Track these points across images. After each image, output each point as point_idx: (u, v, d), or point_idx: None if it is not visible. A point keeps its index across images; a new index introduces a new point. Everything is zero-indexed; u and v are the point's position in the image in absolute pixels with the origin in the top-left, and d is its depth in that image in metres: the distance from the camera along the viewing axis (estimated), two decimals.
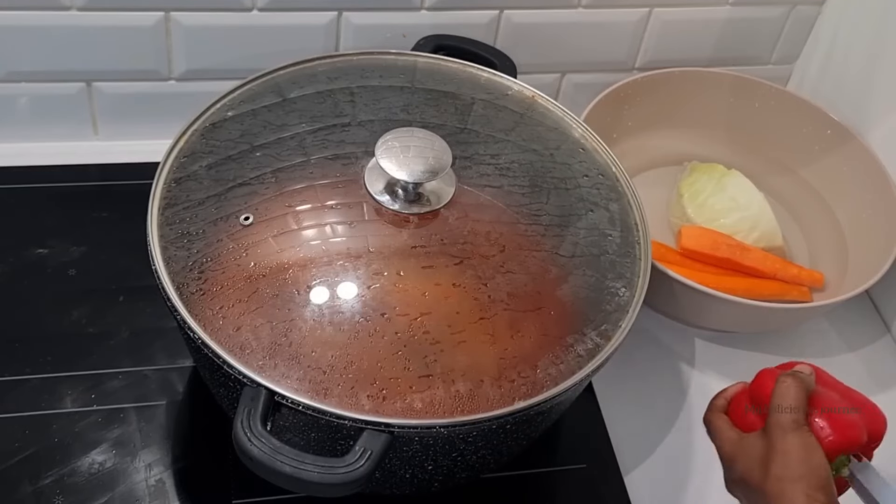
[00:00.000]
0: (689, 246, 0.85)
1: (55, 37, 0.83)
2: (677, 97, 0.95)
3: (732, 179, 0.89)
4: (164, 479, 0.68)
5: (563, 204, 0.68)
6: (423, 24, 0.89)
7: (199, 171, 0.66)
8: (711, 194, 0.88)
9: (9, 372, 0.72)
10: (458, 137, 0.70)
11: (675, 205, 0.90)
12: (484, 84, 0.77)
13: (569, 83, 0.99)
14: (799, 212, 0.93)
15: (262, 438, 0.52)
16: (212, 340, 0.57)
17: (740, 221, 0.87)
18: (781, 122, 0.94)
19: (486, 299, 0.61)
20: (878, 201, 0.87)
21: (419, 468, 0.61)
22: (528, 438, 0.67)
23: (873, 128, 0.91)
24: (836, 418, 0.59)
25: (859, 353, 0.87)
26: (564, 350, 0.60)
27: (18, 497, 0.66)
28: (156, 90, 0.89)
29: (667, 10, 0.94)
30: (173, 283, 0.59)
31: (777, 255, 0.87)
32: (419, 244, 0.63)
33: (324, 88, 0.73)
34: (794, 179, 0.93)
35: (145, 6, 0.83)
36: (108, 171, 0.88)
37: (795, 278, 0.86)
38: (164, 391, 0.73)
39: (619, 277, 0.65)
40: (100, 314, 0.77)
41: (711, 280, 0.83)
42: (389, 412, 0.55)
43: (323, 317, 0.58)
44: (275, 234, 0.62)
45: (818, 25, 1.00)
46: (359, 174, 0.66)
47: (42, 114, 0.89)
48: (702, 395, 0.81)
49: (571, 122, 0.75)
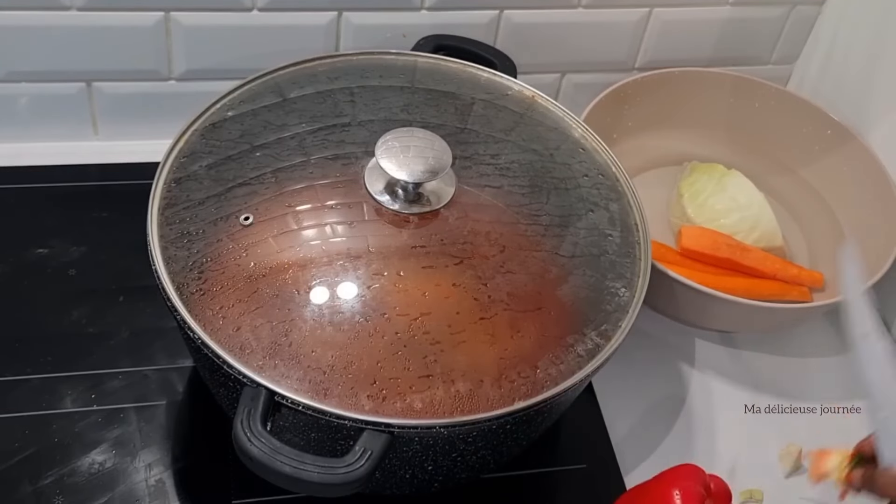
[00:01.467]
0: (689, 246, 0.85)
1: (55, 37, 0.83)
2: (677, 97, 0.95)
3: (733, 179, 0.89)
4: (164, 479, 0.68)
5: (563, 204, 0.68)
6: (423, 24, 0.89)
7: (199, 171, 0.66)
8: (712, 194, 0.88)
9: (9, 372, 0.72)
10: (458, 137, 0.70)
11: (675, 205, 0.90)
12: (484, 84, 0.77)
13: (569, 83, 0.99)
14: (799, 212, 0.93)
15: (262, 438, 0.52)
16: (212, 340, 0.57)
17: (740, 221, 0.87)
18: (781, 122, 0.94)
19: (486, 299, 0.61)
20: (878, 201, 0.87)
21: (419, 468, 0.61)
22: (528, 438, 0.67)
23: (873, 128, 0.91)
24: None
25: None
26: (564, 350, 0.60)
27: (18, 497, 0.66)
28: (156, 90, 0.89)
29: (667, 10, 0.94)
30: (173, 283, 0.59)
31: (777, 256, 0.87)
32: (419, 244, 0.63)
33: (324, 88, 0.73)
34: (794, 179, 0.93)
35: (145, 6, 0.83)
36: (108, 171, 0.88)
37: (795, 278, 0.86)
38: (164, 391, 0.73)
39: (619, 277, 0.65)
40: (100, 314, 0.77)
41: (711, 280, 0.83)
42: (389, 412, 0.55)
43: (323, 317, 0.58)
44: (275, 234, 0.62)
45: (818, 25, 1.00)
46: (359, 174, 0.66)
47: (42, 114, 0.89)
48: (702, 395, 0.81)
49: (571, 122, 0.75)
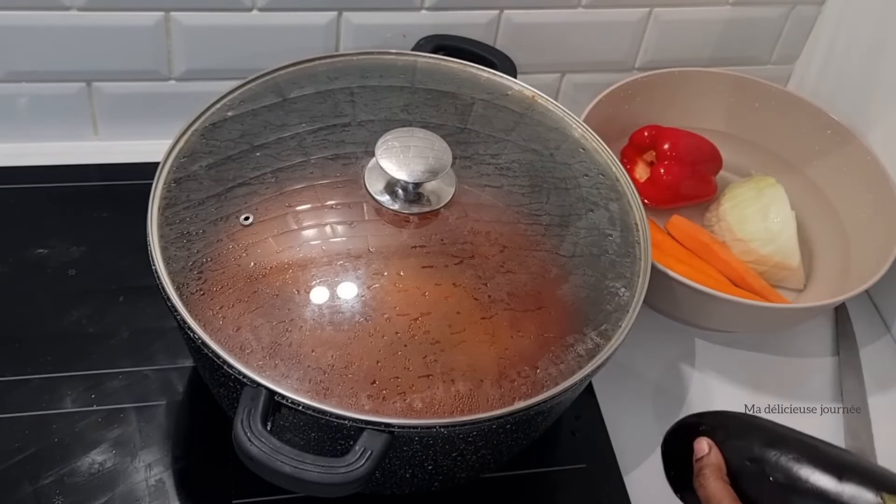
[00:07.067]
0: (672, 232, 0.88)
1: (55, 37, 0.83)
2: (677, 97, 0.95)
3: (772, 191, 0.88)
4: (164, 479, 0.68)
5: (563, 204, 0.68)
6: (423, 24, 0.89)
7: (199, 171, 0.66)
8: (748, 203, 0.88)
9: (9, 372, 0.72)
10: (458, 137, 0.70)
11: (713, 203, 0.91)
12: (484, 84, 0.77)
13: (569, 83, 0.99)
14: (799, 211, 0.93)
15: (262, 438, 0.52)
16: (212, 340, 0.57)
17: (762, 231, 0.86)
18: (781, 122, 0.94)
19: (487, 299, 0.61)
20: (878, 201, 0.87)
21: (419, 468, 0.61)
22: (528, 438, 0.67)
23: (873, 128, 0.91)
24: None
25: (859, 352, 0.87)
26: (564, 350, 0.60)
27: (18, 497, 0.66)
28: (156, 90, 0.89)
29: (667, 10, 0.94)
30: (173, 283, 0.59)
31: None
32: (419, 244, 0.63)
33: (324, 88, 0.73)
34: (795, 179, 0.93)
35: (145, 6, 0.83)
36: (108, 171, 0.88)
37: (753, 289, 0.85)
38: (164, 391, 0.73)
39: (619, 277, 0.65)
40: (100, 314, 0.77)
41: (712, 280, 0.83)
42: (389, 412, 0.55)
43: (323, 317, 0.58)
44: (275, 234, 0.62)
45: (818, 25, 1.00)
46: (359, 174, 0.66)
47: (42, 114, 0.89)
48: (702, 395, 0.81)
49: (571, 122, 0.75)
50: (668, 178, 0.88)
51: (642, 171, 0.91)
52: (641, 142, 0.90)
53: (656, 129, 0.90)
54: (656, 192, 0.88)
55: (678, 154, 0.88)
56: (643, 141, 0.90)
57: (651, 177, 0.89)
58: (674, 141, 0.88)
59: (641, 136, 0.90)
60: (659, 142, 0.88)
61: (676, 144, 0.88)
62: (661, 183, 0.88)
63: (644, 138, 0.90)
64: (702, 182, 0.91)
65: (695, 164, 0.90)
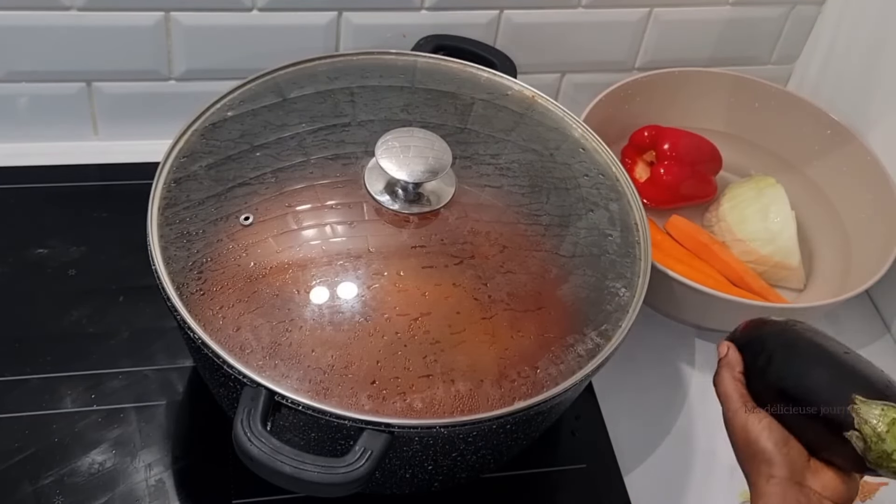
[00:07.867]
0: (672, 232, 0.88)
1: (55, 37, 0.83)
2: (677, 97, 0.95)
3: (772, 192, 0.88)
4: (164, 479, 0.68)
5: (563, 204, 0.68)
6: (423, 24, 0.89)
7: (199, 171, 0.66)
8: (748, 202, 0.88)
9: (9, 372, 0.72)
10: (458, 137, 0.70)
11: (713, 203, 0.91)
12: (484, 84, 0.77)
13: (569, 83, 0.99)
14: (799, 211, 0.93)
15: (262, 438, 0.52)
16: (212, 340, 0.57)
17: (762, 231, 0.86)
18: (781, 122, 0.94)
19: (487, 299, 0.61)
20: (878, 201, 0.87)
21: (419, 468, 0.61)
22: (528, 438, 0.67)
23: (873, 128, 0.91)
24: None
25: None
26: (564, 350, 0.60)
27: (18, 497, 0.66)
28: (156, 90, 0.89)
29: (667, 10, 0.94)
30: (173, 283, 0.59)
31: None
32: (419, 244, 0.63)
33: (324, 88, 0.73)
34: (795, 179, 0.93)
35: (145, 6, 0.83)
36: (108, 171, 0.88)
37: (752, 289, 0.85)
38: (164, 391, 0.73)
39: (619, 277, 0.65)
40: (100, 314, 0.77)
41: (711, 280, 0.83)
42: (389, 412, 0.55)
43: (323, 317, 0.58)
44: (275, 234, 0.62)
45: (818, 25, 1.00)
46: (359, 174, 0.66)
47: (42, 114, 0.89)
48: (702, 395, 0.81)
49: (571, 122, 0.75)
50: (668, 178, 0.88)
51: (642, 171, 0.91)
52: (641, 142, 0.90)
53: (656, 129, 0.90)
54: (656, 192, 0.88)
55: (678, 154, 0.88)
56: (643, 141, 0.90)
57: (651, 177, 0.89)
58: (674, 141, 0.88)
59: (641, 136, 0.90)
60: (659, 142, 0.88)
61: (676, 144, 0.88)
62: (661, 183, 0.88)
63: (644, 138, 0.90)
64: (702, 182, 0.91)
65: (695, 164, 0.90)
